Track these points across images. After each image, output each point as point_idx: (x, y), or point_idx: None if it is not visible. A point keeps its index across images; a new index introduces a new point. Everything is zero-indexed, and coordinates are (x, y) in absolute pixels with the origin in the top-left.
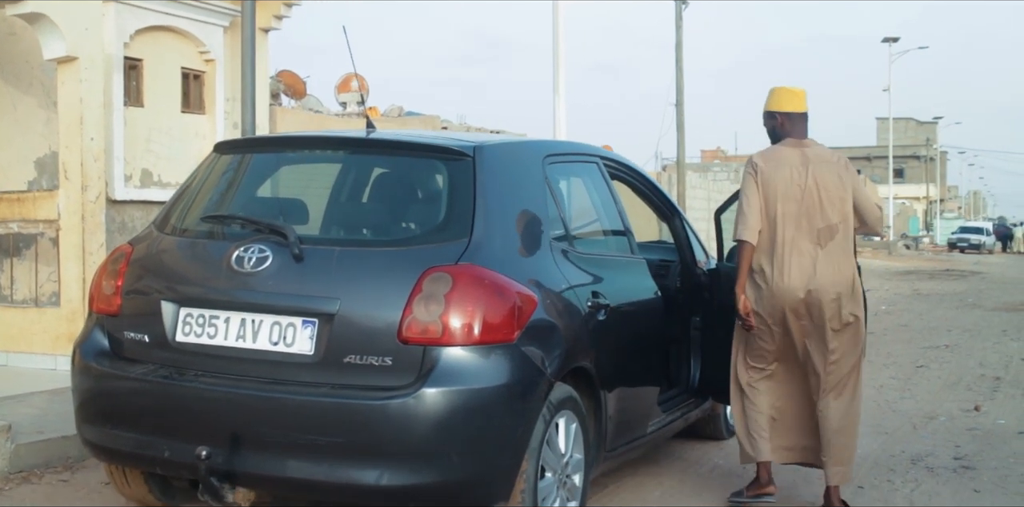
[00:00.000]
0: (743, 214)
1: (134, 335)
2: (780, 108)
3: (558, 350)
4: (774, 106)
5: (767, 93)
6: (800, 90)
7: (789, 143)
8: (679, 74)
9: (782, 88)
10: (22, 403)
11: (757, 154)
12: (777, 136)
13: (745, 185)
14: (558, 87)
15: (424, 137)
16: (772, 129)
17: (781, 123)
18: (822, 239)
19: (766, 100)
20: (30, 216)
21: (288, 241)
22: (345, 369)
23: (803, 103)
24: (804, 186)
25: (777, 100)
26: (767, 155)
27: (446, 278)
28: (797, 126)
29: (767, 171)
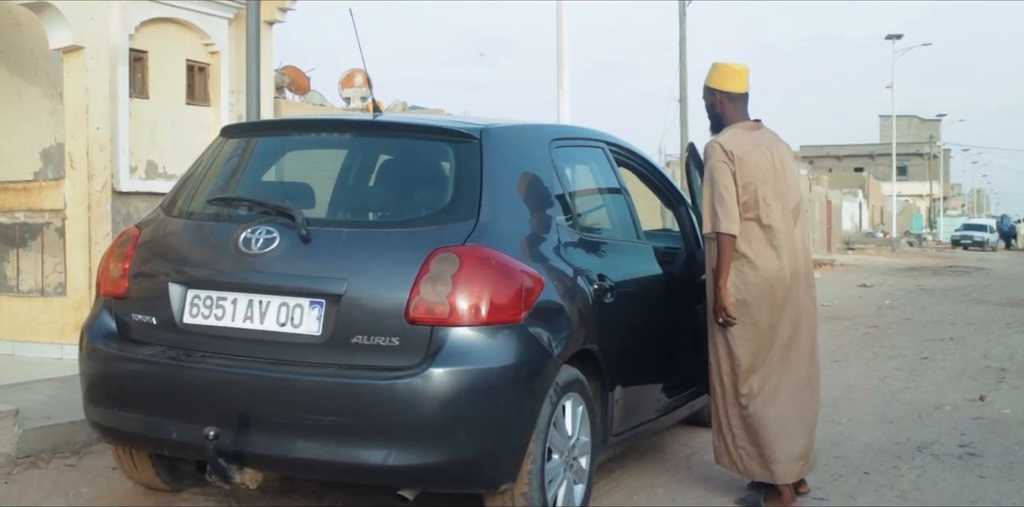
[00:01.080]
0: (724, 204)
1: (142, 317)
2: (722, 86)
3: (565, 332)
4: (716, 83)
5: (709, 67)
6: (743, 68)
7: (746, 126)
8: (682, 69)
9: (725, 64)
10: (29, 390)
11: (721, 139)
12: (716, 115)
13: (719, 173)
14: (562, 84)
15: (431, 120)
16: (711, 106)
17: (720, 101)
18: (795, 218)
19: (707, 74)
20: (36, 206)
21: (295, 222)
22: (352, 349)
23: (746, 83)
24: (774, 168)
25: (720, 77)
26: (733, 140)
27: (453, 258)
28: (740, 107)
29: (742, 155)
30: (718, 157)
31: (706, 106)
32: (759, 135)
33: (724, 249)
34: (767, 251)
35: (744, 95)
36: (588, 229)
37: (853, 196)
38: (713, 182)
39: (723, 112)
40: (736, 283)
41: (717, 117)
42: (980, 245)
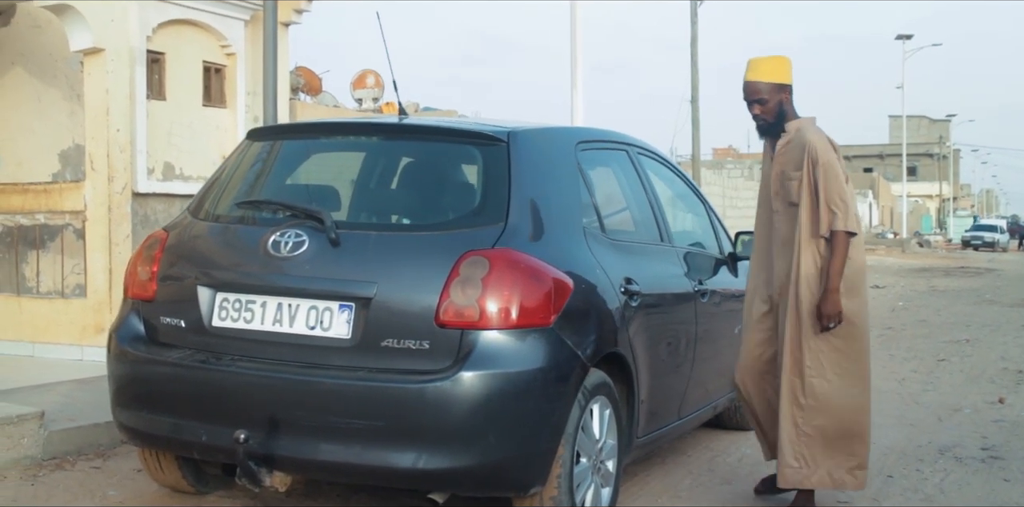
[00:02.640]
0: (849, 201)
1: (170, 320)
2: (787, 79)
3: (593, 335)
4: (785, 77)
5: (762, 63)
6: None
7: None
8: (694, 70)
9: (781, 57)
10: (51, 391)
11: (824, 132)
12: (783, 113)
13: (840, 167)
14: (576, 85)
15: (458, 123)
16: (779, 104)
17: (787, 98)
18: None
19: (768, 70)
20: (56, 207)
21: (324, 226)
22: (382, 353)
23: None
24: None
25: (786, 69)
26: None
27: (483, 262)
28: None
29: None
30: (833, 151)
31: (768, 107)
32: None
33: (842, 249)
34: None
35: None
36: (614, 232)
37: (863, 197)
38: (834, 176)
39: (788, 109)
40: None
41: (783, 116)
42: (991, 246)
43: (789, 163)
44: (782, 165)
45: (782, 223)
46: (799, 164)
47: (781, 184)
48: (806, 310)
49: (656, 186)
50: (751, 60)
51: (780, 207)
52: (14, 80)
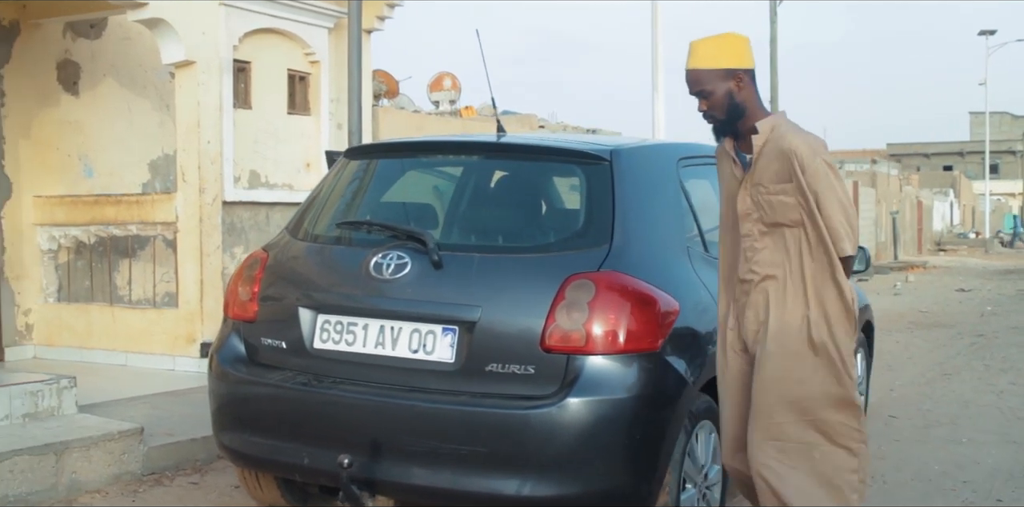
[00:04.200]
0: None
1: (271, 341)
2: (741, 62)
3: (700, 358)
4: (735, 61)
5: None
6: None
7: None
8: (773, 71)
9: (734, 35)
10: (147, 404)
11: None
12: (737, 105)
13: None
14: (656, 86)
15: (559, 141)
16: (729, 95)
17: (742, 85)
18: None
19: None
20: (148, 218)
21: (427, 248)
22: (486, 378)
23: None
24: None
25: (738, 51)
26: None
27: (589, 285)
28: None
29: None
30: (827, 156)
31: (714, 100)
32: None
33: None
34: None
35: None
36: (716, 250)
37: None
38: (829, 186)
39: (748, 99)
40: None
41: (739, 110)
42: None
43: (766, 173)
44: (757, 177)
45: (762, 250)
46: (784, 175)
47: (756, 201)
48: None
49: None
50: (692, 43)
51: (753, 230)
52: (106, 92)
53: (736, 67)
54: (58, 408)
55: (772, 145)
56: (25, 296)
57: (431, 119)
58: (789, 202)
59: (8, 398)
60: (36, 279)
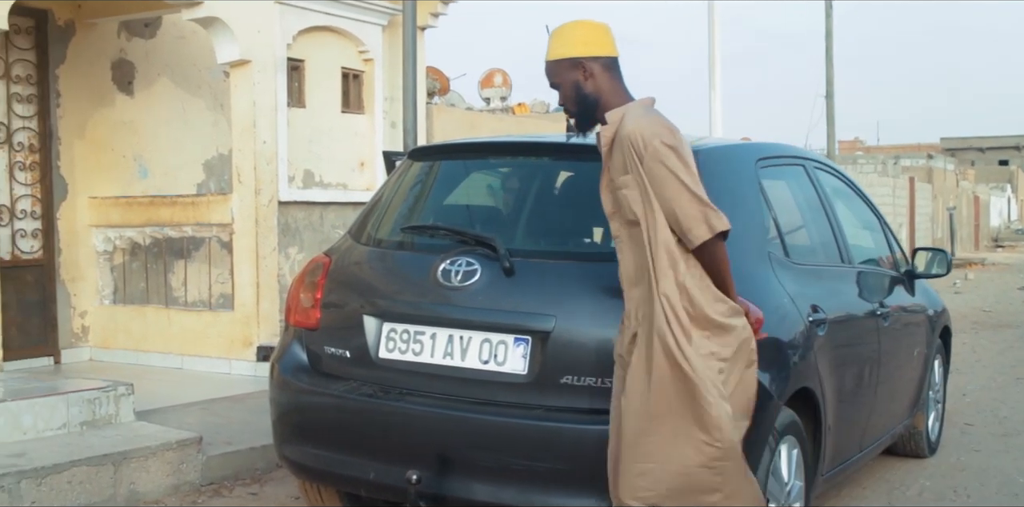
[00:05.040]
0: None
1: (334, 350)
2: (591, 50)
3: (785, 371)
4: (582, 49)
5: (552, 38)
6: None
7: (650, 103)
8: (829, 65)
9: (583, 22)
10: (206, 411)
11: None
12: (586, 97)
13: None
14: (714, 83)
15: None
16: (577, 85)
17: (591, 74)
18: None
19: (560, 43)
20: (204, 220)
21: (498, 254)
22: (561, 391)
23: (615, 42)
24: None
25: (586, 39)
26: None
27: None
28: (621, 79)
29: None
30: (667, 136)
31: (567, 90)
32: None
33: (723, 256)
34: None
35: (618, 62)
36: (797, 255)
37: (1000, 191)
38: (675, 166)
39: (601, 89)
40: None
41: (590, 100)
42: None
43: (616, 167)
44: (610, 171)
45: (626, 252)
46: (627, 165)
47: (614, 198)
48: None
49: (833, 202)
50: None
51: (620, 231)
52: (160, 91)
53: (581, 56)
54: (115, 416)
55: (619, 135)
56: (81, 298)
57: (485, 117)
58: (632, 195)
59: (66, 406)
60: (92, 281)
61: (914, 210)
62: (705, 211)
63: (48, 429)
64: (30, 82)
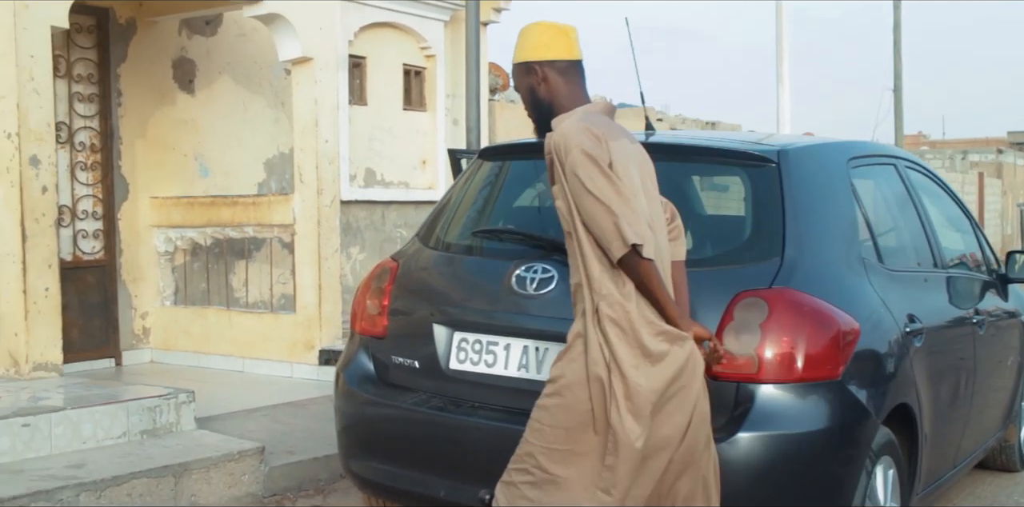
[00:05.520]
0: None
1: (402, 360)
2: (547, 54)
3: (883, 386)
4: (537, 53)
5: (518, 38)
6: (567, 25)
7: (603, 108)
8: (897, 57)
9: (540, 24)
10: (267, 417)
11: (585, 122)
12: (540, 102)
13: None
14: (781, 77)
15: (717, 140)
16: (531, 90)
17: (545, 78)
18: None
19: (516, 48)
20: (265, 220)
21: None
22: None
23: (577, 45)
24: (652, 177)
25: (541, 42)
26: (599, 122)
27: (760, 305)
28: (578, 83)
29: (616, 146)
30: (588, 143)
31: (524, 95)
32: (621, 126)
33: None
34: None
35: (578, 65)
36: (891, 261)
37: None
38: (599, 182)
39: (553, 94)
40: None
41: (544, 106)
42: None
43: (552, 177)
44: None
45: (571, 269)
46: (556, 175)
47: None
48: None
49: (925, 203)
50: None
51: (568, 244)
52: (222, 90)
53: (534, 60)
54: (176, 424)
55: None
56: (142, 299)
57: None
58: (562, 207)
59: (125, 414)
60: (153, 282)
61: (983, 207)
62: (619, 224)
63: (108, 438)
64: (91, 81)
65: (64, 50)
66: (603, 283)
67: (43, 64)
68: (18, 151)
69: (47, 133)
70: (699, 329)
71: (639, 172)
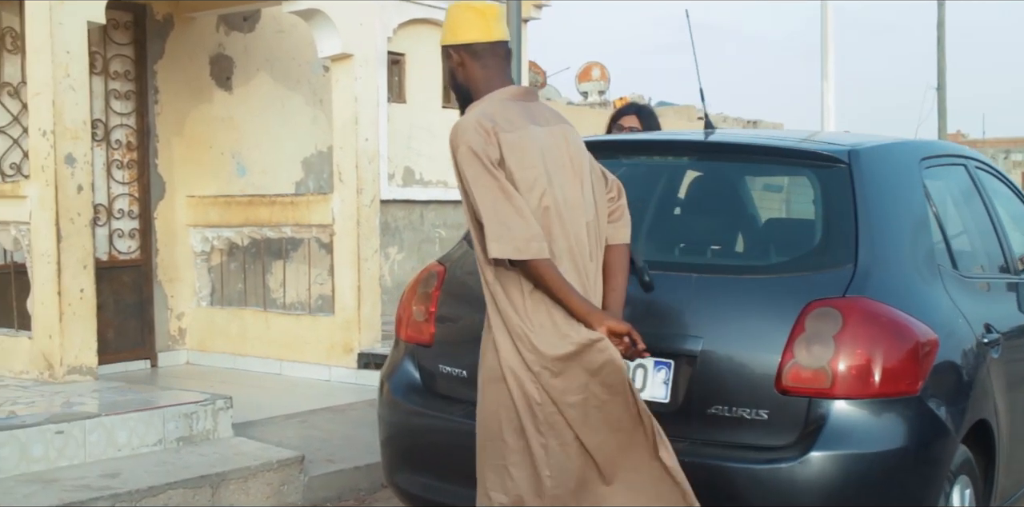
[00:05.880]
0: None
1: (451, 370)
2: (457, 38)
3: (963, 402)
4: (450, 38)
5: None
6: (484, 4)
7: (512, 93)
8: (940, 54)
9: (457, 6)
10: (305, 424)
11: (474, 114)
12: (459, 86)
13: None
14: (827, 75)
15: (783, 140)
16: (451, 74)
17: (461, 63)
18: (599, 246)
19: (444, 28)
20: (304, 221)
21: (635, 266)
22: (709, 422)
23: (493, 26)
24: (572, 160)
25: (453, 26)
26: (496, 113)
27: (834, 315)
28: (493, 66)
29: (513, 139)
30: (475, 140)
31: (447, 80)
32: (535, 109)
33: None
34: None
35: (496, 46)
36: (965, 267)
37: None
38: (482, 180)
39: (469, 79)
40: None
41: (463, 91)
42: None
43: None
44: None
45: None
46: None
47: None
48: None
49: (996, 206)
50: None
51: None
52: (260, 87)
53: (451, 44)
54: (213, 431)
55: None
56: (178, 299)
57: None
58: (464, 202)
59: (161, 421)
60: (189, 282)
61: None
62: (489, 232)
63: (143, 445)
64: (128, 78)
65: (100, 46)
66: (496, 286)
67: (79, 60)
68: (53, 149)
69: (83, 131)
70: (614, 323)
71: (544, 160)
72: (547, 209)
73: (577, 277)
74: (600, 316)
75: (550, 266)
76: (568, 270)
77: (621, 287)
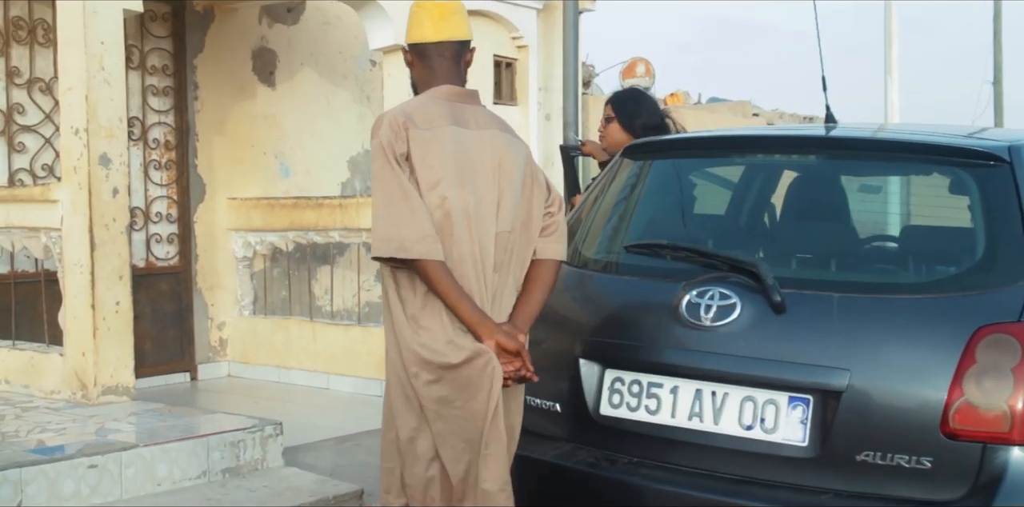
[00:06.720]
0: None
1: (539, 402)
2: (408, 38)
3: None
4: (406, 37)
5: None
6: (433, 4)
7: (445, 92)
8: (997, 47)
9: (417, 4)
10: (360, 447)
11: (402, 108)
12: (413, 85)
13: (377, 163)
14: (891, 70)
15: (922, 135)
16: (411, 76)
17: (411, 62)
18: (513, 259)
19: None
20: (352, 224)
21: (764, 284)
22: (857, 470)
23: (439, 26)
24: (498, 167)
25: (409, 26)
26: (414, 110)
27: (1011, 343)
28: (436, 67)
29: (425, 136)
30: (386, 134)
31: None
32: (467, 111)
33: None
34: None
35: (441, 47)
36: None
37: None
38: (381, 180)
39: (417, 77)
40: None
41: (413, 88)
42: None
43: None
44: None
45: None
46: None
47: None
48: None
49: None
50: None
51: None
52: (304, 82)
53: (406, 43)
54: (262, 461)
55: None
56: (219, 308)
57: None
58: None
59: (205, 451)
60: (231, 290)
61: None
62: (376, 224)
63: (185, 479)
64: (166, 73)
65: (137, 39)
66: (390, 281)
67: (115, 52)
68: (87, 149)
69: (119, 129)
70: (503, 339)
71: (457, 162)
72: (448, 211)
73: (476, 286)
74: (491, 329)
75: (440, 268)
76: (468, 277)
77: (536, 302)
